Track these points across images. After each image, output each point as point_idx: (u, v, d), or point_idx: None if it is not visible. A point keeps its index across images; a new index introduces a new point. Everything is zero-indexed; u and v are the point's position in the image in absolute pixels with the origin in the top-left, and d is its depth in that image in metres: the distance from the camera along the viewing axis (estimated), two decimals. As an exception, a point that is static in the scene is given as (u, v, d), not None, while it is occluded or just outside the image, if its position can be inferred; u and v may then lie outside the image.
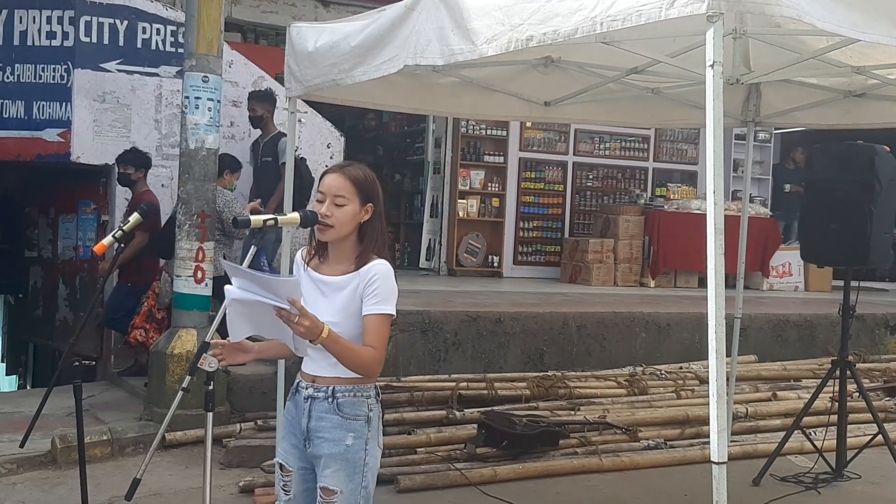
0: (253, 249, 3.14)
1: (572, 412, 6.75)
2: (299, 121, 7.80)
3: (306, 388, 3.01)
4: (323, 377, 2.96)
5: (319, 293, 2.98)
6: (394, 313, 2.92)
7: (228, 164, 7.60)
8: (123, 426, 6.29)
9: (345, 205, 2.93)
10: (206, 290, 6.42)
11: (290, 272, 3.44)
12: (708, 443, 6.47)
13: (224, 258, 6.81)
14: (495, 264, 11.66)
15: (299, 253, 3.13)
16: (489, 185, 11.68)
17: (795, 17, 2.87)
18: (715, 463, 2.66)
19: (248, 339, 3.03)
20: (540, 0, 3.30)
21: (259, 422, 6.30)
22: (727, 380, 6.09)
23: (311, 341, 2.77)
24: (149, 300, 7.54)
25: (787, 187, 12.39)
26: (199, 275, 6.37)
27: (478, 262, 11.58)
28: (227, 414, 6.40)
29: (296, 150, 6.26)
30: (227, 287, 2.88)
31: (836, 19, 3.02)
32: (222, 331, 3.14)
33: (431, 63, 3.93)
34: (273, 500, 5.10)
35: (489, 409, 6.53)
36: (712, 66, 2.74)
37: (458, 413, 6.48)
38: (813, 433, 6.16)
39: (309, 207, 3.08)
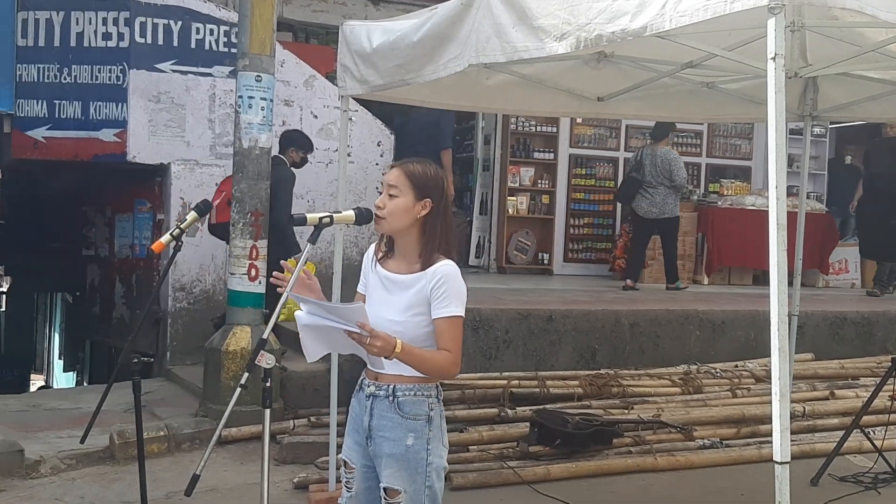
0: (308, 247, 3.15)
1: (626, 411, 6.70)
2: (350, 119, 7.84)
3: (368, 386, 3.04)
4: (385, 374, 2.98)
5: (385, 290, 3.01)
6: (463, 314, 2.95)
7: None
8: (179, 422, 6.38)
9: (397, 196, 2.97)
10: (259, 287, 6.47)
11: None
12: (765, 442, 6.42)
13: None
14: (545, 261, 11.58)
15: (370, 248, 3.17)
16: (539, 181, 11.59)
17: (857, 8, 2.80)
18: (777, 462, 2.61)
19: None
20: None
21: (312, 418, 6.35)
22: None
23: (385, 357, 2.81)
24: (623, 237, 10.30)
25: (849, 159, 12.10)
26: (253, 272, 6.43)
27: (527, 259, 11.52)
28: (280, 411, 6.46)
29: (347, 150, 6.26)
30: (296, 313, 2.97)
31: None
32: (277, 329, 3.17)
33: (493, 60, 3.91)
34: (327, 497, 5.17)
35: (541, 407, 6.50)
36: (774, 58, 2.69)
37: (509, 411, 6.47)
38: (872, 432, 6.05)
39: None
